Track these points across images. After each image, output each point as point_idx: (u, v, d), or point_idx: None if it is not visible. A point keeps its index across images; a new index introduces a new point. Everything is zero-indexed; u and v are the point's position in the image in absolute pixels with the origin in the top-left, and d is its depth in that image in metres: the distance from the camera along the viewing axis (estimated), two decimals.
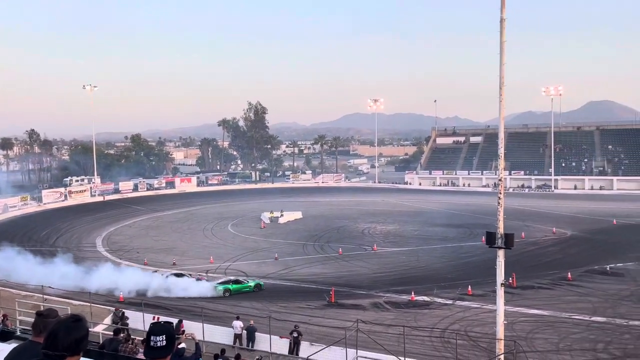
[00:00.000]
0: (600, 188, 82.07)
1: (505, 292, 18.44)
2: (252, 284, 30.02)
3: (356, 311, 24.95)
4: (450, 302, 26.32)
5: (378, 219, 55.84)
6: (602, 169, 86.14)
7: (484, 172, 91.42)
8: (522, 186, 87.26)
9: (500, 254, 16.89)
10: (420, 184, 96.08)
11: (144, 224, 55.23)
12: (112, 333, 14.28)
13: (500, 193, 17.06)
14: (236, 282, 29.98)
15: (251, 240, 45.22)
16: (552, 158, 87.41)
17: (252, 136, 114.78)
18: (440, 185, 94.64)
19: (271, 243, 43.43)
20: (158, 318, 18.47)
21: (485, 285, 27.24)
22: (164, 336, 3.01)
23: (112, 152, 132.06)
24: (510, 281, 28.09)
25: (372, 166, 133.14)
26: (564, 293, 27.59)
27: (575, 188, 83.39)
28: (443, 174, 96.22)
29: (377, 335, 19.65)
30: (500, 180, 17.29)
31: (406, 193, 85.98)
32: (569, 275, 30.33)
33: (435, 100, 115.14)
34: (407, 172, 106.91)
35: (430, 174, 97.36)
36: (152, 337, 3.03)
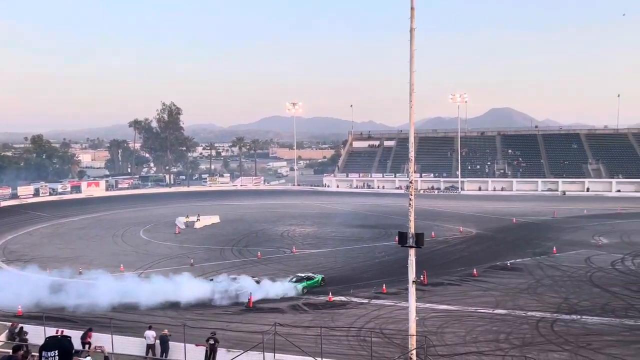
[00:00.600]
0: (502, 189, 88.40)
1: (417, 289, 19.23)
2: (319, 278, 30.44)
3: (274, 314, 24.87)
4: (366, 301, 27.01)
5: (297, 222, 56.14)
6: (503, 171, 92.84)
7: (397, 174, 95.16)
8: (432, 188, 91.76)
9: (412, 252, 17.61)
10: (337, 187, 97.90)
11: (46, 232, 51.34)
12: (10, 350, 13.08)
13: (411, 195, 17.78)
14: (308, 278, 30.04)
15: (165, 246, 43.57)
16: (459, 161, 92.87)
17: (166, 138, 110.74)
18: (356, 187, 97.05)
19: (187, 249, 42.13)
20: (62, 332, 17.22)
21: (399, 284, 28.29)
22: (56, 351, 2.82)
23: (9, 154, 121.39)
24: (422, 279, 29.43)
25: (292, 169, 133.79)
26: (470, 288, 29.31)
27: (480, 189, 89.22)
28: (359, 177, 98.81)
29: (295, 337, 19.71)
30: (411, 182, 18.02)
31: (324, 195, 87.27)
32: (475, 272, 32.32)
33: (351, 105, 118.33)
34: (325, 174, 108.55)
35: (347, 176, 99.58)
36: (43, 353, 2.82)
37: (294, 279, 29.83)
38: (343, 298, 27.57)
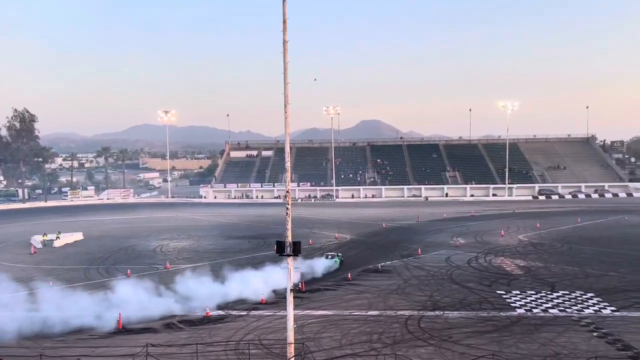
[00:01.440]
0: (373, 196, 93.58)
1: (295, 297, 19.52)
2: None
3: (147, 335, 23.42)
4: (244, 313, 26.68)
5: (171, 235, 53.76)
6: (373, 179, 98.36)
7: (276, 184, 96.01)
8: (309, 196, 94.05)
9: (289, 261, 17.84)
10: (215, 197, 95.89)
11: None
12: None
13: (288, 204, 18.03)
14: (337, 255, 37.86)
15: (18, 268, 38.91)
16: (334, 170, 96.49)
17: (18, 148, 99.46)
18: (235, 198, 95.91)
19: (44, 270, 38.05)
20: None
21: (278, 293, 28.40)
22: None
23: None
24: (300, 286, 29.90)
25: (165, 180, 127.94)
26: (345, 292, 30.43)
27: (353, 197, 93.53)
28: (238, 187, 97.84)
29: (170, 357, 18.80)
30: (288, 192, 18.27)
31: (201, 207, 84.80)
32: (349, 276, 33.67)
33: (228, 115, 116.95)
34: (202, 185, 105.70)
35: (225, 187, 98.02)
36: None
37: (329, 256, 36.96)
38: (221, 312, 26.94)
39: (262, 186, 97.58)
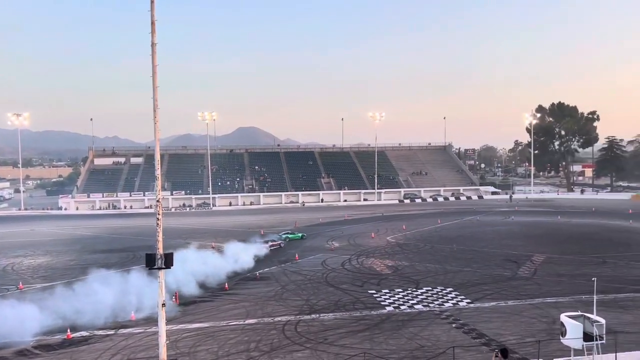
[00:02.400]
0: (251, 203, 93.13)
1: (167, 311, 18.62)
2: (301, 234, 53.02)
3: None
4: (112, 332, 24.82)
5: (25, 252, 48.20)
6: (251, 186, 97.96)
7: (146, 193, 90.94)
8: (184, 205, 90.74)
9: (161, 274, 16.98)
10: (77, 209, 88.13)
11: None
12: None
13: (158, 214, 17.17)
14: (292, 232, 53.10)
15: None
16: (210, 178, 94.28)
17: None
18: (100, 208, 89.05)
19: None
20: None
21: (149, 308, 26.87)
22: None
23: None
24: (174, 299, 28.65)
25: (17, 190, 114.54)
26: (222, 303, 29.79)
27: (231, 204, 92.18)
28: (103, 197, 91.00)
29: None
30: (158, 201, 17.41)
31: (61, 219, 77.34)
32: (226, 285, 33.06)
33: (91, 119, 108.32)
34: (61, 196, 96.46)
35: (88, 197, 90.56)
36: None
37: (283, 234, 51.05)
38: (85, 333, 24.74)
39: (131, 195, 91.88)
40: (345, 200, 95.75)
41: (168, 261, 16.74)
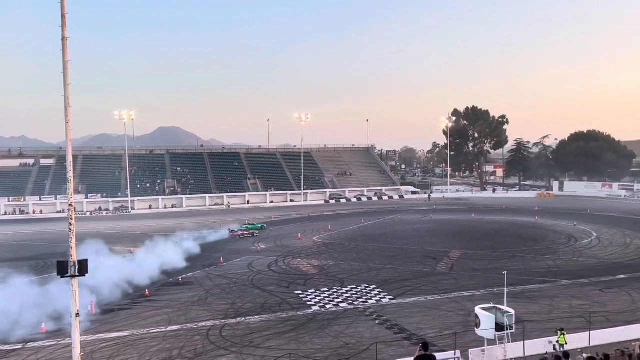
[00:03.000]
0: (173, 206, 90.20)
1: (82, 321, 17.56)
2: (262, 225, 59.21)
3: None
4: (19, 346, 23.02)
5: None
6: (173, 188, 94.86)
7: (58, 196, 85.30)
8: (100, 209, 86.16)
9: (74, 282, 16.00)
10: None
11: None
12: None
13: (71, 219, 16.17)
14: (251, 223, 59.18)
15: None
16: (128, 180, 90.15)
17: None
18: (6, 214, 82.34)
19: None
20: None
21: (64, 319, 25.22)
22: None
23: None
24: (90, 308, 27.13)
25: None
26: (142, 310, 28.61)
27: (151, 207, 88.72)
28: (9, 202, 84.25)
29: None
30: (70, 205, 16.40)
31: None
32: (147, 292, 31.79)
33: None
34: None
35: None
36: None
37: (243, 225, 56.80)
38: None
39: (41, 199, 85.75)
40: (271, 202, 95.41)
41: (82, 269, 15.80)
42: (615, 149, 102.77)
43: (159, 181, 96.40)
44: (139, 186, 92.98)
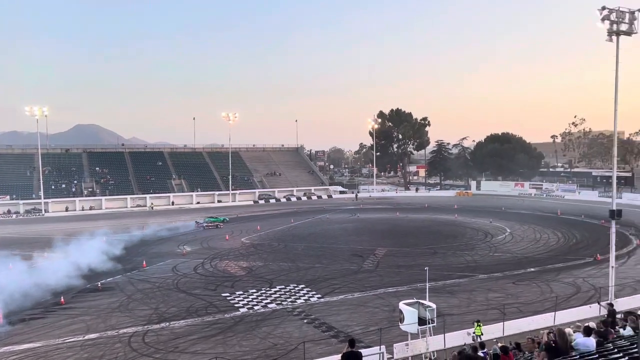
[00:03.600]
0: (91, 208, 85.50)
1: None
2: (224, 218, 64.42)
3: None
4: None
5: None
6: (91, 189, 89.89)
7: None
8: (9, 212, 79.92)
9: None
10: None
11: None
12: None
13: None
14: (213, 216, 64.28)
15: None
16: (41, 181, 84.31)
17: None
18: None
19: None
20: None
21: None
22: None
23: None
24: None
25: None
26: (57, 319, 26.87)
27: (67, 210, 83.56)
28: None
29: None
30: None
31: None
32: (62, 300, 29.92)
33: None
34: None
35: None
36: None
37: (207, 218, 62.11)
38: None
39: None
40: (198, 203, 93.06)
41: None
42: (527, 150, 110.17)
43: (75, 182, 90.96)
44: (53, 187, 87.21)
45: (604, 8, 26.13)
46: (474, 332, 21.00)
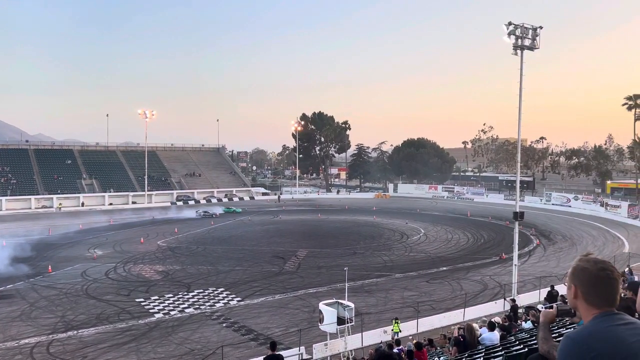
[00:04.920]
0: None
1: None
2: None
3: None
4: None
5: None
6: None
7: None
8: None
9: None
10: None
11: None
12: None
13: None
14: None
15: None
16: None
17: None
18: None
19: None
20: None
21: None
22: None
23: None
24: None
25: None
26: None
27: None
28: None
29: None
30: None
31: None
32: None
33: None
34: None
35: None
36: None
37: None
38: None
39: None
40: (110, 204, 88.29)
41: None
42: (440, 155, 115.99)
43: None
44: None
45: (510, 23, 28.16)
46: (392, 330, 21.71)
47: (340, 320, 20.26)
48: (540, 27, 28.92)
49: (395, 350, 15.58)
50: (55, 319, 26.05)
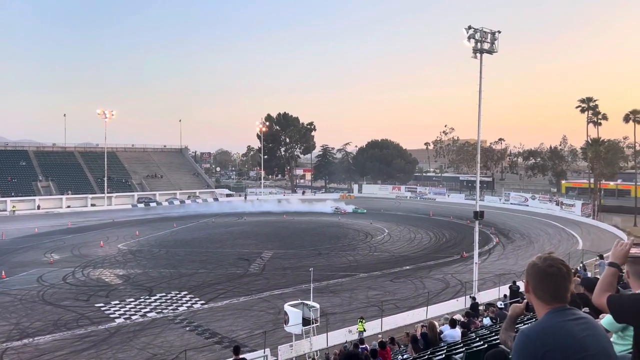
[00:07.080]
0: None
1: None
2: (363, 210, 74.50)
3: None
4: None
5: None
6: None
7: None
8: None
9: None
10: None
11: None
12: None
13: None
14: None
15: None
16: None
17: None
18: None
19: None
20: None
21: None
22: None
23: None
24: None
25: None
26: None
27: None
28: None
29: None
30: None
31: None
32: None
33: None
34: None
35: None
36: None
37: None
38: None
39: None
40: (68, 207, 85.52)
41: None
42: (403, 156, 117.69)
43: None
44: None
45: (469, 27, 28.88)
46: (357, 329, 21.87)
47: (306, 321, 20.28)
48: (499, 32, 29.79)
49: (359, 349, 15.73)
50: (9, 327, 25.02)
